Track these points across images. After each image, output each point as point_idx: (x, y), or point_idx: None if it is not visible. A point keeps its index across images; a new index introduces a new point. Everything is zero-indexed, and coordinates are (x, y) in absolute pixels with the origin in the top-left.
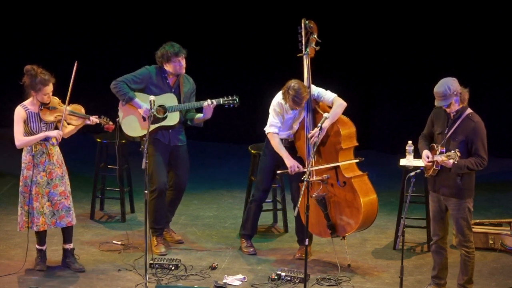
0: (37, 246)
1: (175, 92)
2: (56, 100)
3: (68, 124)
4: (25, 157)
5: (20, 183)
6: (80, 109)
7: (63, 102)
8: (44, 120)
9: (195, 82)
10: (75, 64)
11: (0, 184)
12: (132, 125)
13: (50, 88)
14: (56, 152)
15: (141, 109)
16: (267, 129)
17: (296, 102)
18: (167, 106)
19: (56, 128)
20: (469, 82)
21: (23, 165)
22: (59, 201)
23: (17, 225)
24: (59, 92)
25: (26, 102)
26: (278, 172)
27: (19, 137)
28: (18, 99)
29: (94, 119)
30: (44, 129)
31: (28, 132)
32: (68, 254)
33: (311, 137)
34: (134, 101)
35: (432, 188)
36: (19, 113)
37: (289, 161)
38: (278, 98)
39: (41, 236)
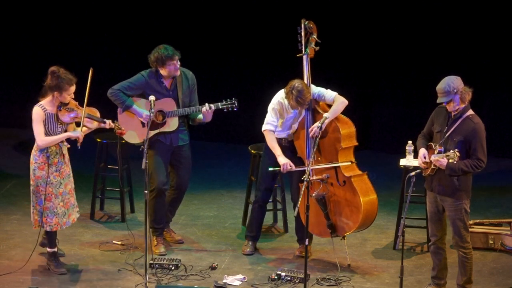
0: (49, 249)
1: (173, 95)
2: (73, 102)
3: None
4: (38, 157)
5: (32, 183)
6: (96, 113)
7: (80, 105)
8: (62, 120)
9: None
10: (90, 71)
11: (0, 184)
12: (132, 132)
13: (74, 87)
14: (67, 151)
15: (141, 117)
16: (264, 126)
17: (299, 102)
18: (166, 111)
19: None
20: (469, 81)
21: (35, 165)
22: (68, 200)
23: (32, 224)
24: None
25: (44, 102)
26: (270, 169)
27: (42, 137)
28: (15, 101)
29: (109, 123)
30: (60, 130)
31: (45, 132)
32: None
33: (312, 132)
34: (132, 109)
35: (429, 187)
36: (38, 113)
37: (282, 159)
38: (279, 97)
39: (52, 238)
